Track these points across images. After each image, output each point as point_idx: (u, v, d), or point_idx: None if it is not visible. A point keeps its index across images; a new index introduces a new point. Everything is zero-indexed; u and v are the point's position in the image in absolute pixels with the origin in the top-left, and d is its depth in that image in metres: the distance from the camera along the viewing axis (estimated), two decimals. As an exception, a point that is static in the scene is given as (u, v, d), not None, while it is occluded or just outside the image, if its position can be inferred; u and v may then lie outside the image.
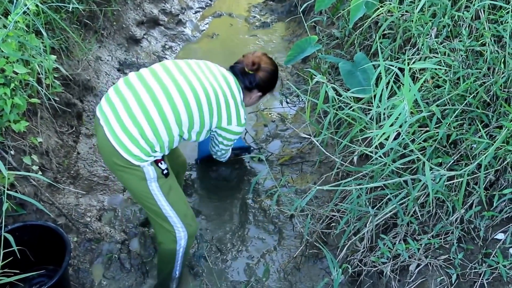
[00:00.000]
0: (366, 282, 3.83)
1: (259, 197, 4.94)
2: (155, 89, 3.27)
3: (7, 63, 3.85)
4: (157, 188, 3.46)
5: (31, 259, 3.62)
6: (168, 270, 4.00)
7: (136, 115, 3.22)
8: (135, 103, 3.24)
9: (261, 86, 3.75)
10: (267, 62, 3.73)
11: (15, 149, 4.11)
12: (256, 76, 3.68)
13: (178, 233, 3.68)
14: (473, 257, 3.38)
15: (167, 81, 3.31)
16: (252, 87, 3.72)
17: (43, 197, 4.25)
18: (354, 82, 4.29)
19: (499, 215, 3.36)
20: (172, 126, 3.31)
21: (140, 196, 3.52)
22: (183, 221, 3.66)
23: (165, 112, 3.25)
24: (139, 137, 3.22)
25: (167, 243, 3.76)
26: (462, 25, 3.88)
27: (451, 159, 3.53)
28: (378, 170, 3.70)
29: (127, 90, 3.30)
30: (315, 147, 5.23)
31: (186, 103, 3.30)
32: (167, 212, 3.58)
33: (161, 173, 3.43)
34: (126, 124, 3.22)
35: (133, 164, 3.29)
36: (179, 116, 3.30)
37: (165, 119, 3.26)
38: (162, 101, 3.25)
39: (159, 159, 3.41)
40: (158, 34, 7.26)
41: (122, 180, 3.53)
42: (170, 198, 3.55)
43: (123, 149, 3.25)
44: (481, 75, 3.59)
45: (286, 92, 6.14)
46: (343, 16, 5.41)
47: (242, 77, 3.69)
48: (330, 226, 4.31)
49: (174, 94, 3.28)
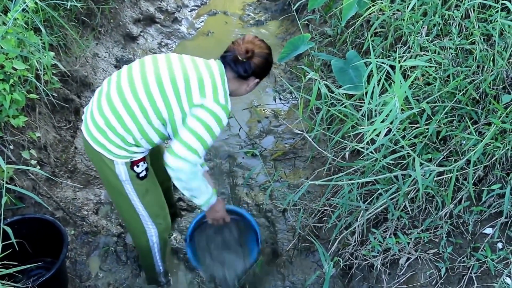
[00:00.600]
0: (357, 275, 3.83)
1: (252, 192, 4.93)
2: (123, 82, 3.15)
3: (6, 59, 3.86)
4: (132, 189, 3.39)
5: (30, 251, 3.59)
6: (150, 266, 4.00)
7: (103, 107, 3.15)
8: (104, 97, 3.18)
9: (257, 73, 3.32)
10: (260, 47, 3.30)
11: (14, 144, 4.12)
12: (251, 63, 3.24)
13: (149, 230, 3.66)
14: (462, 251, 3.38)
15: (136, 73, 3.16)
16: (248, 75, 3.29)
17: (41, 190, 4.26)
18: (346, 79, 4.28)
19: (488, 210, 3.36)
20: (136, 114, 3.10)
21: (116, 194, 3.49)
22: (154, 220, 3.62)
23: (127, 99, 3.09)
24: (106, 128, 3.14)
25: (141, 241, 3.75)
26: (452, 24, 3.87)
27: (441, 155, 3.53)
28: (369, 166, 3.70)
29: (106, 87, 3.23)
30: (307, 143, 5.22)
31: (146, 88, 3.09)
32: (140, 212, 3.54)
33: (135, 176, 3.33)
34: (95, 116, 3.18)
35: (108, 159, 3.23)
36: (140, 101, 3.09)
37: (127, 105, 3.10)
38: (125, 90, 3.10)
39: (136, 161, 3.30)
40: (154, 31, 7.25)
41: (102, 176, 3.50)
42: (145, 200, 3.49)
43: (94, 142, 3.21)
44: (471, 73, 3.59)
45: (279, 88, 6.13)
46: (336, 14, 5.40)
47: (236, 66, 3.24)
48: (322, 220, 4.30)
49: (137, 81, 3.11)
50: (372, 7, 4.39)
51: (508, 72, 3.43)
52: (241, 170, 5.18)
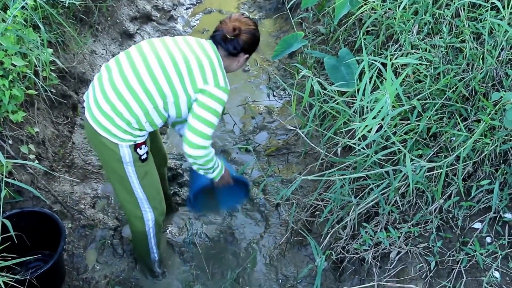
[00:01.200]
0: (349, 269, 3.83)
1: (246, 186, 4.92)
2: (125, 67, 3.19)
3: (6, 56, 3.86)
4: (133, 171, 3.42)
5: (28, 244, 3.62)
6: (145, 253, 4.00)
7: (108, 94, 3.17)
8: (108, 83, 3.20)
9: (246, 49, 3.45)
10: (247, 23, 3.43)
11: (13, 139, 4.13)
12: (239, 40, 3.37)
13: (146, 214, 3.68)
14: (451, 245, 3.38)
15: (137, 58, 3.21)
16: (237, 51, 3.42)
17: (39, 184, 4.26)
18: (339, 77, 4.27)
19: (477, 205, 3.36)
20: (142, 98, 3.16)
21: (116, 177, 3.49)
22: (151, 203, 3.65)
23: (132, 85, 3.15)
24: (112, 113, 3.16)
25: (138, 226, 3.75)
26: (443, 23, 3.87)
27: (431, 151, 3.53)
28: (361, 161, 3.70)
29: (105, 73, 3.26)
30: (300, 139, 5.21)
31: (150, 73, 3.16)
32: (138, 194, 3.56)
33: (138, 158, 3.37)
34: (100, 103, 3.19)
35: (112, 142, 3.24)
36: (145, 86, 3.15)
37: (133, 91, 3.15)
38: (129, 76, 3.15)
39: (139, 143, 3.34)
40: (150, 29, 7.23)
41: (103, 160, 3.51)
42: (143, 182, 3.51)
43: (100, 127, 3.21)
44: (461, 70, 3.59)
45: (273, 85, 6.11)
46: (329, 13, 5.38)
47: (225, 44, 3.38)
48: (314, 214, 4.30)
49: (140, 67, 3.17)
50: (364, 6, 4.38)
51: (497, 70, 3.43)
52: (235, 165, 5.17)
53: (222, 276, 4.20)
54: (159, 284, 4.16)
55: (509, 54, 3.43)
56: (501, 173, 3.31)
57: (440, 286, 3.25)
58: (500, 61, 3.43)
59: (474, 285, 3.16)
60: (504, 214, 3.28)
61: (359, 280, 3.73)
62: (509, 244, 3.21)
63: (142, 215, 3.68)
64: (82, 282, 4.05)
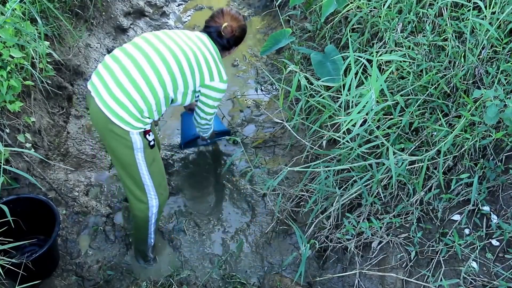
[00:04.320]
0: (332, 257, 3.82)
1: (234, 177, 4.90)
2: (138, 58, 3.24)
3: (4, 48, 3.88)
4: (142, 158, 3.42)
5: (24, 229, 3.65)
6: (143, 237, 3.98)
7: (122, 83, 3.18)
8: (121, 72, 3.20)
9: (237, 42, 3.80)
10: (238, 20, 3.71)
11: (10, 128, 4.12)
12: (234, 37, 3.72)
13: (151, 200, 3.67)
14: (431, 236, 3.38)
15: (148, 49, 3.28)
16: (230, 46, 3.75)
17: (35, 172, 4.25)
18: (324, 72, 4.25)
19: (456, 197, 3.37)
20: (157, 88, 3.24)
21: (126, 165, 3.47)
22: (157, 190, 3.65)
23: (148, 76, 3.21)
24: (127, 101, 3.17)
25: (141, 211, 3.73)
26: (426, 21, 3.86)
27: (413, 145, 3.52)
28: (345, 154, 3.69)
29: (114, 63, 3.26)
30: (287, 132, 5.19)
31: (167, 66, 3.26)
32: (146, 181, 3.56)
33: (147, 144, 3.39)
34: (114, 92, 3.18)
35: (123, 130, 3.23)
36: (162, 78, 3.24)
37: (149, 81, 3.20)
38: (145, 67, 3.21)
39: (147, 130, 3.35)
40: (143, 24, 7.18)
41: (112, 148, 3.46)
42: (151, 168, 3.52)
43: (113, 115, 3.19)
44: (443, 68, 3.59)
45: (261, 80, 6.08)
46: (316, 11, 5.36)
47: (220, 39, 3.67)
48: (300, 204, 4.28)
49: (155, 59, 3.25)
50: (350, 4, 4.40)
51: (478, 68, 3.42)
52: (223, 157, 5.15)
53: (209, 262, 4.17)
54: (149, 269, 4.14)
55: (490, 53, 3.42)
56: (480, 167, 3.31)
57: (419, 275, 3.25)
58: (481, 59, 3.42)
59: (452, 274, 3.16)
60: (482, 207, 3.28)
61: (341, 268, 3.73)
62: (486, 236, 3.21)
63: (148, 201, 3.67)
64: (75, 266, 4.05)
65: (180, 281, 4.00)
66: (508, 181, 3.24)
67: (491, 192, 3.35)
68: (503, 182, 3.26)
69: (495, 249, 3.15)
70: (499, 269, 3.02)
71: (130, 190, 3.65)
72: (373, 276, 3.46)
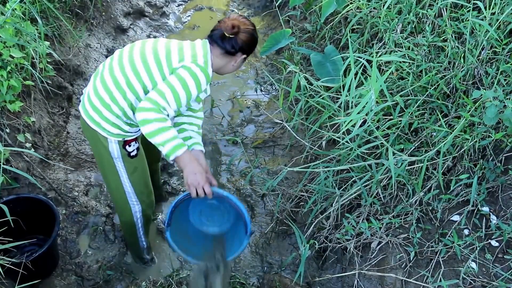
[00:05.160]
0: (331, 257, 3.82)
1: (233, 177, 4.91)
2: (114, 63, 3.14)
3: (4, 48, 3.89)
4: (122, 167, 3.40)
5: (24, 229, 3.64)
6: (134, 241, 3.99)
7: (97, 88, 3.15)
8: (99, 79, 3.17)
9: (244, 49, 3.22)
10: (246, 23, 3.23)
11: (10, 128, 4.13)
12: (237, 39, 3.16)
13: (133, 207, 3.65)
14: (430, 236, 3.38)
15: (124, 54, 3.15)
16: (235, 50, 3.19)
17: (35, 172, 4.26)
18: (324, 72, 4.25)
19: (455, 198, 3.36)
20: (125, 89, 3.08)
21: (106, 170, 3.47)
22: (139, 197, 3.62)
23: (116, 76, 3.09)
24: (101, 107, 3.14)
25: (126, 216, 3.73)
26: (426, 22, 3.87)
27: (412, 145, 3.52)
28: (345, 154, 3.69)
29: (100, 71, 3.24)
30: (286, 132, 5.18)
31: (131, 63, 3.08)
32: (126, 188, 3.53)
33: (126, 155, 3.34)
34: (92, 100, 3.18)
35: (103, 136, 3.22)
36: (127, 77, 3.08)
37: (118, 84, 3.09)
38: (115, 69, 3.10)
39: (129, 140, 3.29)
40: (143, 24, 7.18)
41: (94, 153, 3.49)
42: (132, 177, 3.48)
43: (91, 121, 3.20)
44: (442, 68, 3.59)
45: (260, 80, 6.08)
46: (315, 11, 5.36)
47: (223, 43, 3.16)
48: (299, 205, 4.28)
49: (125, 60, 3.11)
50: (350, 5, 4.39)
51: (477, 68, 3.43)
52: (223, 157, 5.15)
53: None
54: (149, 269, 4.15)
55: (490, 53, 3.43)
56: (480, 168, 3.31)
57: (419, 276, 3.24)
58: (481, 60, 3.43)
59: (452, 275, 3.15)
60: (481, 208, 3.27)
61: (341, 269, 3.73)
62: (486, 237, 3.21)
63: (130, 207, 3.65)
64: (74, 266, 4.05)
65: (180, 281, 4.00)
66: (507, 181, 3.24)
67: (490, 193, 3.34)
68: (502, 183, 3.26)
69: (494, 249, 3.14)
70: (499, 270, 3.02)
71: (113, 196, 3.67)
72: (373, 277, 3.46)
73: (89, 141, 3.45)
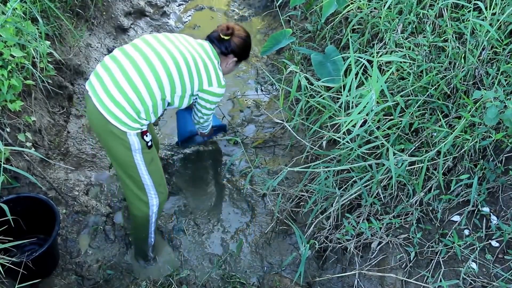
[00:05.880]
0: (331, 257, 3.81)
1: (234, 177, 4.90)
2: (137, 59, 3.24)
3: (5, 47, 3.88)
4: (141, 158, 3.42)
5: (24, 228, 3.64)
6: (144, 237, 3.98)
7: (120, 83, 3.19)
8: (120, 72, 3.21)
9: (236, 52, 3.75)
10: (239, 30, 3.75)
11: (11, 127, 4.11)
12: (231, 41, 3.69)
13: (151, 200, 3.68)
14: (430, 236, 3.38)
15: (148, 51, 3.29)
16: (227, 52, 3.72)
17: (35, 171, 4.24)
18: (325, 72, 4.25)
19: (456, 198, 3.36)
20: (155, 90, 3.26)
21: (124, 165, 3.47)
22: (157, 189, 3.66)
23: (147, 78, 3.21)
24: (124, 102, 3.17)
25: (142, 211, 3.73)
26: (426, 22, 3.86)
27: (413, 146, 3.52)
28: (345, 154, 3.68)
29: (112, 63, 3.26)
30: (287, 132, 5.18)
31: (166, 68, 3.27)
32: (145, 181, 3.56)
33: (145, 145, 3.39)
34: (112, 92, 3.19)
35: (120, 130, 3.23)
36: (160, 80, 3.25)
37: (147, 83, 3.21)
38: (144, 69, 3.21)
39: (144, 131, 3.35)
40: (144, 24, 7.18)
41: (110, 148, 3.45)
42: (150, 168, 3.52)
43: (110, 116, 3.19)
44: (443, 69, 3.59)
45: (261, 80, 6.08)
46: (316, 11, 5.36)
47: (218, 43, 3.70)
48: (299, 205, 4.27)
49: (155, 61, 3.25)
50: (350, 5, 4.39)
51: (478, 69, 3.42)
52: (223, 157, 5.15)
53: (209, 262, 4.17)
54: (149, 269, 4.13)
55: (490, 54, 3.42)
56: (480, 168, 3.31)
57: (419, 276, 3.24)
58: (481, 60, 3.43)
59: (452, 275, 3.15)
60: (482, 208, 3.28)
61: (341, 269, 3.73)
62: (486, 237, 3.21)
63: (148, 200, 3.67)
64: (75, 266, 4.04)
65: (180, 280, 4.00)
66: (508, 182, 3.24)
67: (490, 193, 3.35)
68: (503, 183, 3.26)
69: (494, 250, 3.15)
70: (499, 270, 3.02)
71: (131, 190, 3.65)
72: (373, 277, 3.46)
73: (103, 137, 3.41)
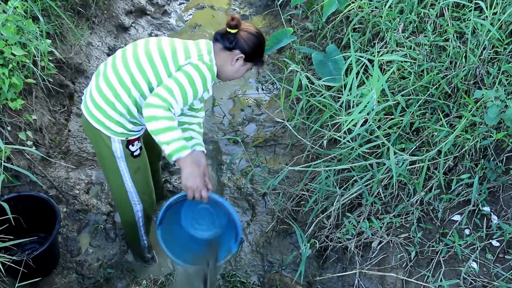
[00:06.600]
0: (332, 257, 3.81)
1: (234, 176, 4.90)
2: (117, 61, 3.11)
3: (6, 46, 3.88)
4: (125, 166, 3.38)
5: (24, 226, 3.62)
6: (136, 240, 3.98)
7: (101, 86, 3.12)
8: (102, 77, 3.13)
9: (242, 48, 3.11)
10: (249, 25, 3.16)
11: (12, 125, 4.12)
12: (237, 35, 3.09)
13: (135, 206, 3.65)
14: (431, 236, 3.38)
15: (128, 53, 3.12)
16: (232, 46, 3.10)
17: (36, 170, 4.25)
18: (326, 72, 4.24)
19: (456, 198, 3.37)
20: (129, 86, 3.05)
21: (108, 170, 3.46)
22: (141, 197, 3.62)
23: (121, 74, 3.05)
24: (105, 105, 3.10)
25: (127, 216, 3.73)
26: (427, 22, 3.87)
27: (414, 145, 3.52)
28: (346, 154, 3.68)
29: (102, 69, 3.20)
30: (287, 131, 5.18)
31: (136, 61, 3.06)
32: (129, 188, 3.52)
33: (129, 155, 3.32)
34: (95, 97, 3.15)
35: (106, 135, 3.19)
36: (132, 74, 3.05)
37: (122, 81, 3.05)
38: (119, 67, 3.07)
39: (132, 140, 3.28)
40: (145, 23, 7.18)
41: (97, 152, 3.46)
42: (135, 177, 3.47)
43: (94, 120, 3.17)
44: (444, 68, 3.59)
45: (262, 79, 6.08)
46: (317, 10, 5.35)
47: (223, 39, 3.11)
48: (300, 204, 4.27)
49: (129, 58, 3.08)
50: (351, 4, 4.39)
51: (479, 68, 3.42)
52: (224, 156, 5.15)
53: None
54: (149, 267, 4.14)
55: (491, 53, 3.42)
56: (481, 167, 3.31)
57: (419, 275, 3.24)
58: (482, 60, 3.43)
59: (452, 275, 3.16)
60: (482, 207, 3.28)
61: (341, 268, 3.73)
62: (487, 236, 3.21)
63: (132, 207, 3.65)
64: (75, 264, 4.04)
65: (180, 280, 4.01)
66: (508, 181, 3.25)
67: (491, 193, 3.35)
68: (503, 183, 3.26)
69: (495, 249, 3.15)
70: (499, 270, 3.02)
71: (115, 195, 3.66)
72: (373, 276, 3.46)
73: (91, 141, 3.41)
